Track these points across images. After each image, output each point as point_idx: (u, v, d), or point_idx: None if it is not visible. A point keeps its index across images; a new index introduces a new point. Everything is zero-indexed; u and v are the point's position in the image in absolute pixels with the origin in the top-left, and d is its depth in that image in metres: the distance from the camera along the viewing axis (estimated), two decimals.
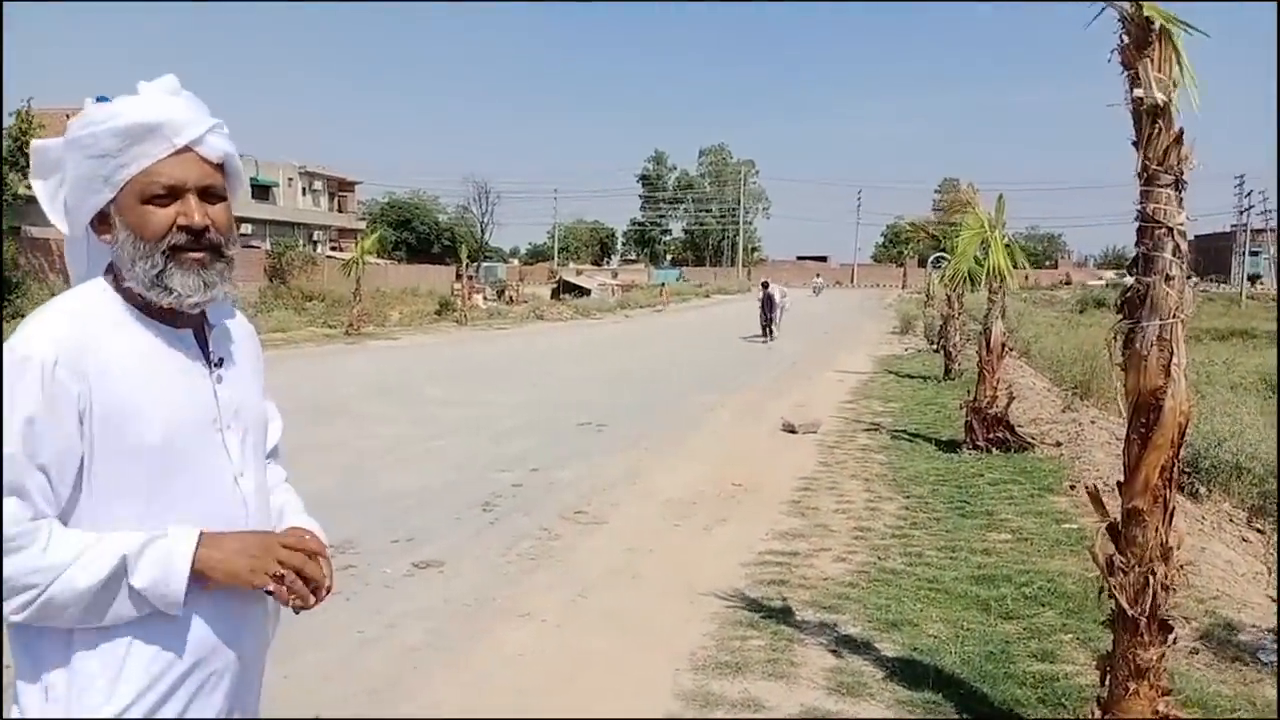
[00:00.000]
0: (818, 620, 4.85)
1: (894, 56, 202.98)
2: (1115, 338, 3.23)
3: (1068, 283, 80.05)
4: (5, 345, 1.48)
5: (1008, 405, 9.93)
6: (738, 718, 3.78)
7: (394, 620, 4.90)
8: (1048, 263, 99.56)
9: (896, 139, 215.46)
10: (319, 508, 1.90)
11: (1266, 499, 8.24)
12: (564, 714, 3.82)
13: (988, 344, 10.18)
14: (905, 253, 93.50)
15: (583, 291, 51.17)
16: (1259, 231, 79.31)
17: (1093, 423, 10.98)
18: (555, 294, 50.37)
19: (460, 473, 8.63)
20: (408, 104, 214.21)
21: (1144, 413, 3.12)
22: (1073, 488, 7.85)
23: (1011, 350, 13.30)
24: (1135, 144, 3.19)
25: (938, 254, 27.84)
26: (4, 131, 23.10)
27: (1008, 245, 10.38)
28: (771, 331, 26.13)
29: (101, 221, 1.61)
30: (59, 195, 1.64)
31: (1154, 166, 3.13)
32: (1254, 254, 77.41)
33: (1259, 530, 7.75)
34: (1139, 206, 3.18)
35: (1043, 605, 5.01)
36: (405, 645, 4.58)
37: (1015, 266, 10.46)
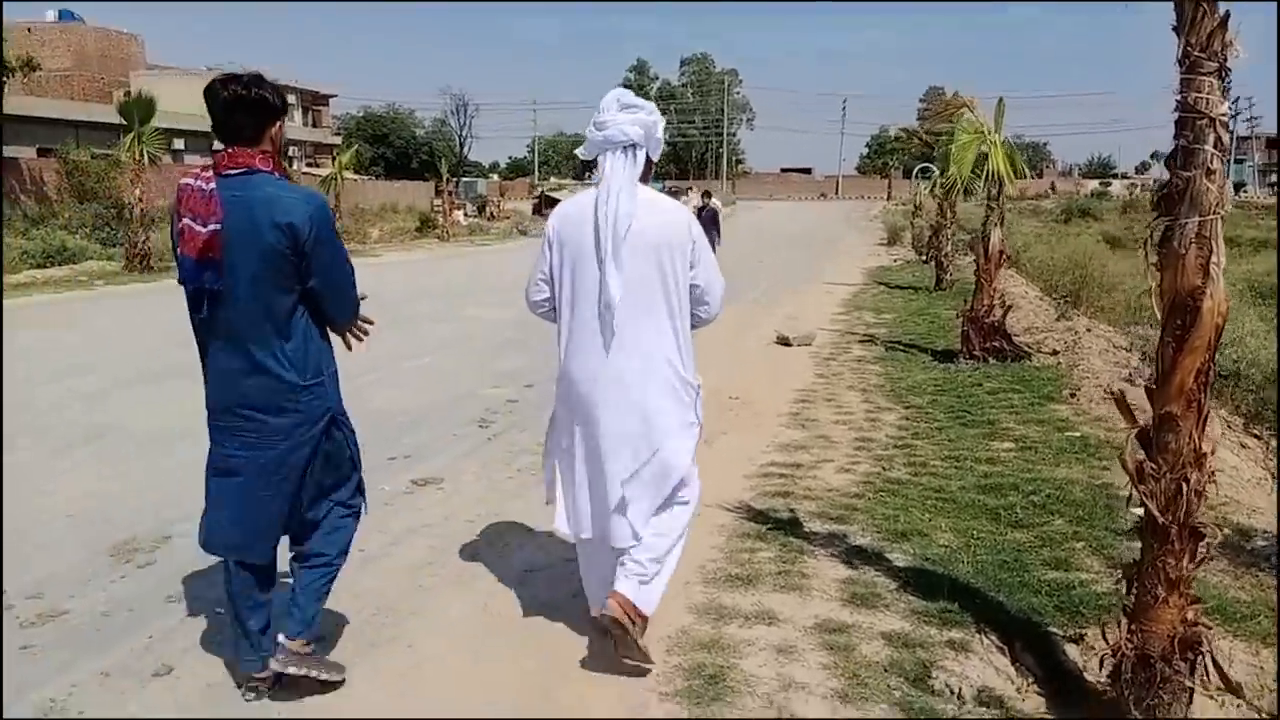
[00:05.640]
0: (826, 531, 4.79)
1: None
2: (1151, 236, 3.08)
3: (1053, 191, 79.57)
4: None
5: (1004, 315, 9.84)
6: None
7: (396, 538, 4.80)
8: (1033, 172, 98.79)
9: (881, 47, 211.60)
10: None
11: (1264, 405, 8.24)
12: (575, 629, 3.76)
13: (986, 252, 10.00)
14: (890, 164, 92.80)
15: None
16: (1244, 139, 78.66)
17: (1088, 330, 10.92)
18: (537, 209, 49.39)
19: (454, 389, 8.50)
20: (380, 13, 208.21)
21: (1180, 314, 2.98)
22: (1073, 395, 7.80)
23: (1006, 259, 13.13)
24: (1176, 29, 2.98)
25: (923, 164, 27.49)
26: None
27: (1008, 151, 10.12)
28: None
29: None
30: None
31: (1196, 53, 2.93)
32: (1239, 162, 76.86)
33: (1256, 435, 7.76)
34: (1179, 96, 2.98)
35: (1052, 513, 4.97)
36: (409, 563, 4.49)
37: (1017, 174, 10.22)
